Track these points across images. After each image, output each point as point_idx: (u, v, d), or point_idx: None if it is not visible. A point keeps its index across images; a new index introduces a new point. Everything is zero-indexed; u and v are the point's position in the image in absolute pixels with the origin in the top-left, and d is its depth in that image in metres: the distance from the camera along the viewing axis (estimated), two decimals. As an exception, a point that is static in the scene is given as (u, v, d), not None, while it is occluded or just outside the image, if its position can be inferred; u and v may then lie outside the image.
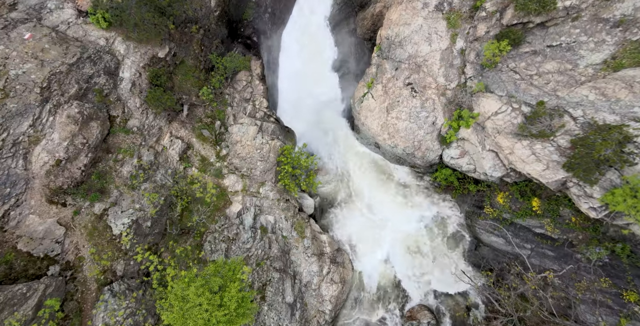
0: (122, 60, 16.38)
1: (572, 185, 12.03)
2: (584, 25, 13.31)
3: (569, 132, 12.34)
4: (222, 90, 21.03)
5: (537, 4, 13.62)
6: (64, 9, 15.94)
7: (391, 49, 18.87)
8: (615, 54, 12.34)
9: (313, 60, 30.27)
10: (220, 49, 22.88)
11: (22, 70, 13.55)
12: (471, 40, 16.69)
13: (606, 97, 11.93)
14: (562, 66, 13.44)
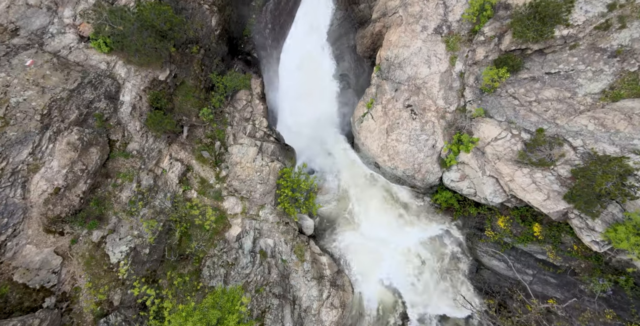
0: (122, 83, 16.45)
1: (573, 216, 11.96)
2: (581, 54, 13.41)
3: (569, 162, 12.32)
4: (222, 109, 21.08)
5: (534, 32, 13.75)
6: (65, 34, 16.08)
7: (391, 70, 19.00)
8: (613, 84, 12.40)
9: (313, 74, 30.51)
10: (220, 67, 23.03)
11: (22, 98, 13.58)
12: (470, 63, 16.81)
13: (605, 128, 11.95)
14: (560, 94, 13.49)
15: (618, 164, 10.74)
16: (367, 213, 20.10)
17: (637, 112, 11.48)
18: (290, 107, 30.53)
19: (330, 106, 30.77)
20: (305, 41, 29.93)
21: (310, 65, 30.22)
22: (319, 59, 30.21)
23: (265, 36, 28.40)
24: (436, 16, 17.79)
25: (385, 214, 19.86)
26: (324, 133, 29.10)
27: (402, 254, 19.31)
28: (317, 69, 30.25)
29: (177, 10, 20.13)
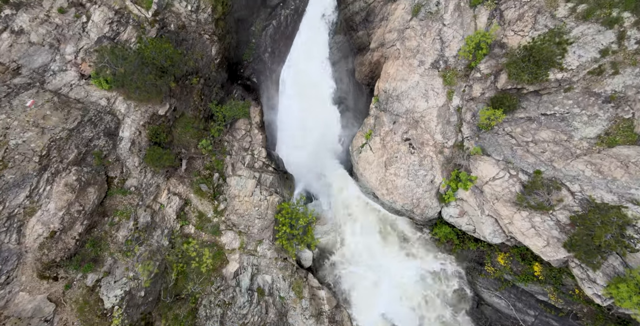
0: (122, 119, 16.55)
1: (574, 265, 11.87)
2: (576, 97, 13.59)
3: (567, 207, 12.30)
4: (221, 138, 21.17)
5: (529, 75, 13.96)
6: (67, 72, 16.27)
7: (389, 102, 19.19)
8: (608, 129, 12.52)
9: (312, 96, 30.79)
10: (220, 95, 23.23)
11: (22, 140, 13.63)
12: (467, 99, 16.99)
13: (603, 175, 11.99)
14: (557, 136, 13.59)
15: (617, 214, 10.73)
16: (366, 244, 19.92)
17: (633, 160, 11.55)
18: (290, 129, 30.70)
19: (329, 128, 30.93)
20: (304, 64, 30.35)
21: (309, 88, 30.54)
22: (318, 82, 30.56)
23: (265, 60, 28.81)
24: (433, 51, 18.09)
25: (384, 245, 19.69)
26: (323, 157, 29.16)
27: (402, 288, 19.05)
28: (316, 92, 30.56)
29: (177, 41, 20.48)
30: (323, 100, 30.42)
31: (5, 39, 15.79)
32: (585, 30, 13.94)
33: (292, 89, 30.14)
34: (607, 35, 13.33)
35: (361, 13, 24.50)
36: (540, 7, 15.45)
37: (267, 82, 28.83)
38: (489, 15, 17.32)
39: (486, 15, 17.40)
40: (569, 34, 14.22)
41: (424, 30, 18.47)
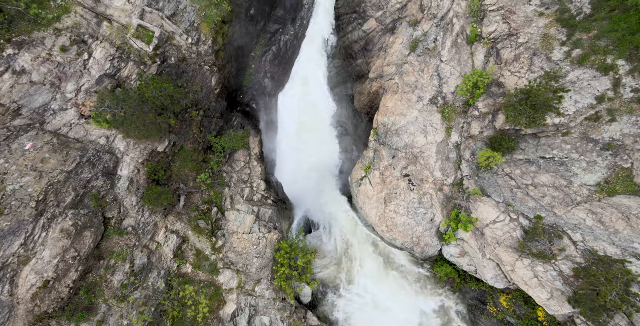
0: (121, 158, 16.52)
1: (580, 322, 11.65)
2: (574, 142, 13.62)
3: (570, 258, 12.15)
4: (221, 168, 21.13)
5: (526, 119, 14.04)
6: (67, 111, 16.34)
7: (388, 136, 19.24)
8: (608, 178, 12.50)
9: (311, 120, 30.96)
10: (219, 124, 23.31)
11: (19, 185, 13.54)
12: (466, 136, 17.05)
13: (604, 226, 11.90)
14: (557, 181, 13.56)
15: (621, 270, 10.58)
16: (367, 279, 19.61)
17: (634, 213, 11.48)
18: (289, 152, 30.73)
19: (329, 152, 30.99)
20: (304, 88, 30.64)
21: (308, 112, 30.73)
22: (317, 106, 30.77)
23: (264, 85, 29.08)
24: (431, 88, 18.27)
25: (385, 280, 19.37)
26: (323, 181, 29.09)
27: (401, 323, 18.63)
28: (316, 115, 30.74)
29: (178, 74, 20.70)
30: (322, 124, 30.55)
31: (7, 80, 15.91)
32: (581, 75, 14.10)
33: (292, 113, 30.32)
34: (602, 82, 13.47)
35: (360, 42, 24.89)
36: (536, 49, 15.69)
37: (267, 106, 29.02)
38: (486, 53, 17.58)
39: (483, 53, 17.66)
40: (565, 79, 14.39)
41: (422, 66, 18.71)
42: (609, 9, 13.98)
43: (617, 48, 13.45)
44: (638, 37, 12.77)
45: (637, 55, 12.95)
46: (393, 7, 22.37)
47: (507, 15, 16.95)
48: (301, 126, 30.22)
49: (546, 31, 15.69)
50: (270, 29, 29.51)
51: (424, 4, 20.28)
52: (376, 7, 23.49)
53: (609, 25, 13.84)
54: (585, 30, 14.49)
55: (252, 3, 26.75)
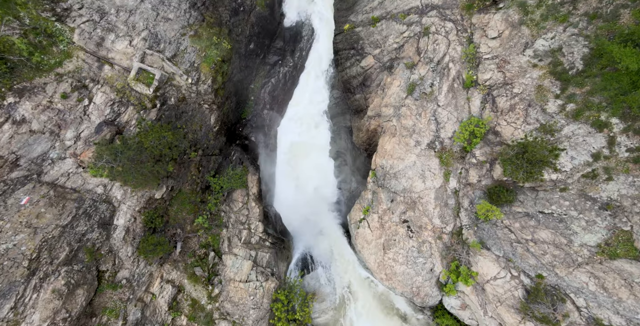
0: (118, 206, 16.42)
1: None
2: (572, 198, 13.61)
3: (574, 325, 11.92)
4: (218, 207, 21.02)
5: (523, 174, 14.07)
6: (65, 160, 16.35)
7: (386, 179, 19.25)
8: (608, 240, 12.41)
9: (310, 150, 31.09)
10: (218, 160, 23.34)
11: (13, 243, 13.37)
12: (464, 183, 17.06)
13: (607, 293, 11.74)
14: (556, 238, 13.46)
15: (624, 344, 10.35)
16: (367, 324, 19.14)
17: (637, 280, 11.34)
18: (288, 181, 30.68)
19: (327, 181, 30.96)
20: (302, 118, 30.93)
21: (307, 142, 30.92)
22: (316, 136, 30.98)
23: (263, 116, 29.33)
24: (428, 132, 18.41)
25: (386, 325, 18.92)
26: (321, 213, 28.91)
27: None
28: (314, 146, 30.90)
29: (177, 115, 20.88)
30: (321, 154, 30.69)
31: (6, 131, 15.98)
32: (575, 130, 14.24)
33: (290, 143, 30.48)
34: (597, 139, 13.59)
35: (358, 77, 25.28)
36: (530, 100, 15.92)
37: (266, 137, 29.17)
38: (482, 99, 17.82)
39: (479, 98, 17.90)
40: (560, 133, 14.52)
41: (419, 110, 18.93)
42: (600, 66, 14.27)
43: (610, 105, 13.65)
44: (630, 97, 12.97)
45: (630, 114, 13.12)
46: (390, 46, 22.85)
47: (502, 64, 17.30)
48: (299, 156, 30.32)
49: (540, 82, 15.96)
50: (269, 61, 30.04)
51: (420, 46, 20.73)
52: (374, 44, 24.00)
53: (601, 83, 14.09)
54: (578, 85, 14.74)
55: (251, 38, 27.34)
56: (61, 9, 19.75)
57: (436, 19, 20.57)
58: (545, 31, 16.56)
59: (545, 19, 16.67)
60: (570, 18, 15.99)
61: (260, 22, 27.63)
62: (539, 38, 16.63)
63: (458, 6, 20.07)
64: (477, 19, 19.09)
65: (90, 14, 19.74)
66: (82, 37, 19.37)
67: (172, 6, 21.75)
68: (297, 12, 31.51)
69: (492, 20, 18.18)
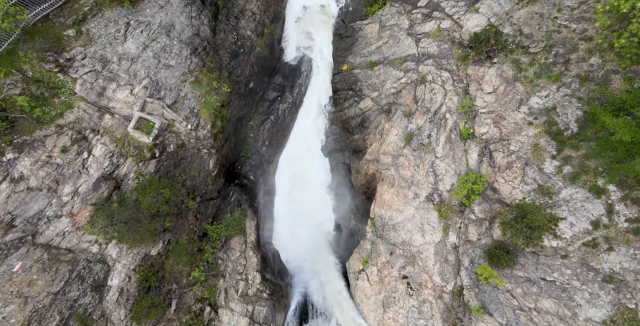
0: (112, 265, 16.16)
1: None
2: (574, 267, 13.44)
3: None
4: (216, 255, 20.71)
5: (523, 239, 13.95)
6: (61, 218, 16.20)
7: (385, 230, 19.10)
8: (613, 316, 12.17)
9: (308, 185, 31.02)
10: (216, 203, 23.20)
11: (2, 316, 13.03)
12: (464, 239, 16.91)
13: (614, 377, 11.41)
14: (560, 310, 13.20)
15: None
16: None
17: (643, 365, 11.05)
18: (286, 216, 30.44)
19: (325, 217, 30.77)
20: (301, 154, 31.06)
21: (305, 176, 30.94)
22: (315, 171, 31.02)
23: (262, 153, 29.44)
24: (427, 184, 18.43)
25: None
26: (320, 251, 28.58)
27: None
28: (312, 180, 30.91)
29: (175, 163, 20.92)
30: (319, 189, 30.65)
31: (4, 190, 15.91)
32: (573, 194, 14.25)
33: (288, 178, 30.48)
34: (596, 206, 13.58)
35: (356, 118, 25.56)
36: (527, 158, 16.02)
37: (264, 174, 29.17)
38: (479, 152, 17.94)
39: (476, 151, 18.02)
40: (558, 196, 14.53)
41: (417, 161, 19.03)
42: (594, 130, 14.45)
43: (606, 171, 13.72)
44: (625, 166, 13.07)
45: (627, 183, 13.18)
46: (388, 91, 23.24)
47: (498, 120, 17.53)
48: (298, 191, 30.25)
49: (536, 141, 16.12)
50: (268, 97, 30.48)
51: (417, 94, 21.09)
52: (371, 87, 24.42)
53: (596, 148, 14.23)
54: (574, 147, 14.88)
55: (251, 77, 27.84)
56: (64, 59, 20.15)
57: (432, 67, 21.03)
58: (539, 89, 16.89)
59: (538, 77, 17.04)
60: (563, 78, 16.35)
61: (260, 61, 28.24)
62: (533, 95, 16.93)
63: (454, 57, 20.56)
64: (472, 70, 19.52)
65: (92, 64, 20.12)
66: (83, 88, 19.68)
67: (174, 53, 22.20)
68: (296, 47, 32.33)
69: (487, 74, 18.58)
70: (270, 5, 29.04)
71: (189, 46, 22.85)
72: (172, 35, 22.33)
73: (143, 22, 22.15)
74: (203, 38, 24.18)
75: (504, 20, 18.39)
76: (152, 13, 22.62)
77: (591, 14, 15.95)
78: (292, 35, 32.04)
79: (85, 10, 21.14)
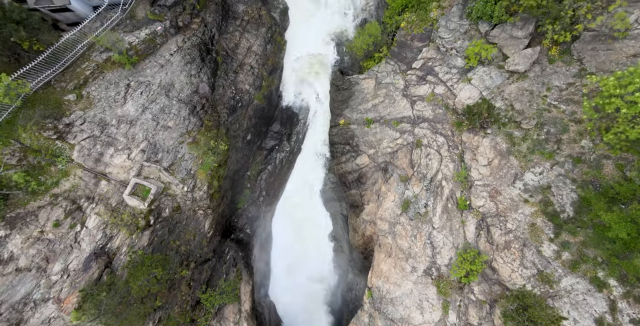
0: (99, 353, 15.48)
1: None
2: (579, 368, 12.94)
3: None
4: (209, 323, 19.99)
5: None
6: (48, 304, 15.69)
7: (383, 303, 18.60)
8: None
9: (305, 234, 30.64)
10: (211, 265, 22.68)
11: None
12: (464, 322, 16.41)
13: None
14: None
15: None
16: None
17: None
18: (283, 266, 29.81)
19: (323, 267, 30.18)
20: (298, 201, 30.90)
21: (302, 224, 30.61)
22: (311, 219, 30.76)
23: (259, 204, 29.19)
24: (425, 257, 18.15)
25: None
26: (317, 307, 27.77)
27: None
28: (310, 229, 30.56)
29: (170, 229, 20.64)
30: (318, 238, 30.24)
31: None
32: (574, 284, 14.00)
33: (286, 227, 30.13)
34: (598, 301, 13.29)
35: (353, 173, 25.61)
36: (525, 239, 15.88)
37: (261, 224, 28.82)
38: (477, 224, 17.81)
39: (474, 224, 17.90)
40: (559, 285, 14.26)
41: (414, 231, 18.85)
42: (591, 217, 14.43)
43: (606, 263, 13.56)
44: (625, 263, 12.93)
45: (628, 279, 12.98)
46: (384, 149, 23.43)
47: (494, 194, 17.56)
48: (295, 240, 29.83)
49: (533, 220, 16.05)
50: (266, 145, 30.68)
51: (413, 158, 21.25)
52: (368, 144, 24.64)
53: (593, 237, 14.14)
54: (572, 233, 14.79)
55: (249, 130, 28.13)
56: (63, 125, 20.33)
57: (428, 131, 21.33)
58: (533, 164, 17.04)
59: (532, 153, 17.24)
60: (556, 156, 16.55)
61: (258, 113, 28.65)
62: (528, 171, 17.06)
63: (448, 122, 20.92)
64: (467, 137, 19.79)
65: (91, 129, 20.28)
66: (81, 154, 19.74)
67: (172, 113, 22.45)
68: (295, 94, 33.01)
69: (481, 145, 18.82)
70: (268, 58, 29.89)
71: (188, 105, 23.16)
72: (171, 94, 22.69)
73: (143, 82, 22.58)
74: (202, 95, 24.60)
75: (496, 94, 18.87)
76: (152, 73, 23.11)
77: (579, 97, 16.40)
78: (291, 82, 32.82)
79: (87, 74, 21.60)
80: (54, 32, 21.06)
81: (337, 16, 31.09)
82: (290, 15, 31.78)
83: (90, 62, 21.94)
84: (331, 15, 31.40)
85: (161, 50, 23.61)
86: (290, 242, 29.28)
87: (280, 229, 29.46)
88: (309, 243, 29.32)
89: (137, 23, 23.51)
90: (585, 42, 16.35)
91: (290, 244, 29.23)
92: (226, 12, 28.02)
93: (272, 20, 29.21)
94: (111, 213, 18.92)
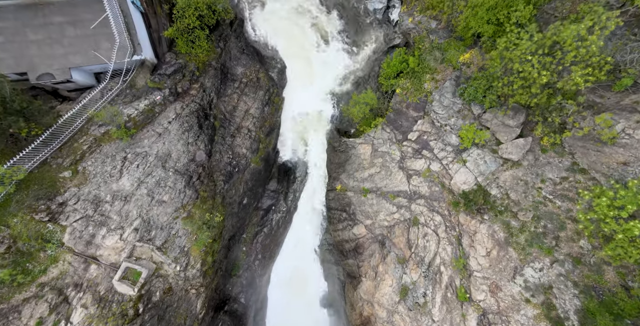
0: None
1: None
2: None
3: None
4: None
5: None
6: None
7: None
8: None
9: (301, 297, 29.53)
10: (201, 348, 21.57)
11: None
12: None
13: None
14: None
15: None
16: None
17: None
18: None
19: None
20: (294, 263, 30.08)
21: (298, 286, 29.60)
22: (307, 280, 29.83)
23: (254, 268, 28.34)
24: (425, 356, 17.33)
25: None
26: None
27: None
28: (306, 292, 29.54)
29: (160, 316, 19.78)
30: (312, 302, 29.15)
31: None
32: None
33: (281, 291, 29.12)
34: None
35: (350, 243, 25.16)
36: (529, 347, 15.23)
37: (255, 292, 27.81)
38: (478, 320, 17.16)
39: (475, 319, 17.25)
40: None
41: (413, 324, 18.15)
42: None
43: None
44: None
45: None
46: (381, 222, 23.18)
47: (494, 290, 17.10)
48: (290, 303, 28.70)
49: (537, 325, 15.49)
50: (262, 205, 30.36)
51: (410, 238, 20.95)
52: (365, 214, 24.42)
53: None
54: (578, 347, 14.20)
55: (245, 194, 27.93)
56: (56, 204, 20.01)
57: (425, 208, 21.21)
58: (533, 258, 16.74)
59: (530, 245, 17.01)
60: (555, 253, 16.30)
61: (255, 176, 28.63)
62: (527, 266, 16.72)
63: (445, 201, 20.87)
64: (464, 219, 19.62)
65: (84, 208, 19.91)
66: (72, 237, 19.26)
67: (168, 186, 22.22)
68: (292, 150, 33.27)
69: (479, 231, 18.62)
70: (266, 120, 30.43)
71: (184, 176, 23.00)
72: (167, 165, 22.49)
73: (140, 153, 22.51)
74: (198, 163, 24.58)
75: (491, 181, 18.99)
76: (149, 143, 23.12)
77: (574, 194, 16.49)
78: (288, 138, 33.20)
79: (84, 149, 21.55)
80: (53, 113, 21.23)
81: (333, 81, 32.14)
82: (288, 72, 32.79)
83: (88, 136, 21.99)
84: (329, 75, 32.36)
85: (159, 118, 23.67)
86: (284, 309, 28.10)
87: (275, 295, 28.37)
88: (306, 310, 28.13)
89: (136, 92, 23.59)
90: (576, 139, 16.71)
91: (286, 312, 28.03)
92: (225, 75, 28.73)
93: (270, 81, 29.97)
94: (98, 304, 18.16)
